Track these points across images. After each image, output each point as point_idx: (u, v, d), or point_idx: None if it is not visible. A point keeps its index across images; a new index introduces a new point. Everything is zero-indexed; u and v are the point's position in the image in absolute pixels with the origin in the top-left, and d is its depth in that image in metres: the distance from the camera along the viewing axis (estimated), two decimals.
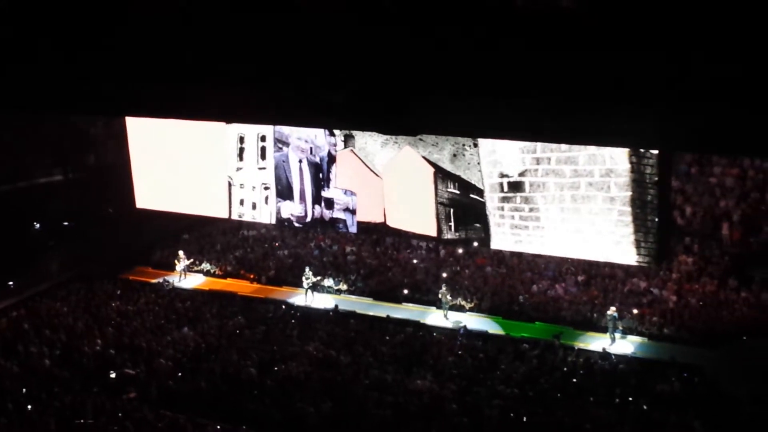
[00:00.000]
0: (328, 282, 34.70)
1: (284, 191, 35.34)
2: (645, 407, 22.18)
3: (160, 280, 35.52)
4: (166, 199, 36.40)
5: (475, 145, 28.71)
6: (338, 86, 9.15)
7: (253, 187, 36.14)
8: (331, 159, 33.65)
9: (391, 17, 7.99)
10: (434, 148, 29.75)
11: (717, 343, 27.42)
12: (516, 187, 28.78)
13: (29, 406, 21.77)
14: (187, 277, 36.28)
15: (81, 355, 25.52)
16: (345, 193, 33.65)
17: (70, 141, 39.12)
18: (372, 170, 31.88)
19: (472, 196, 29.66)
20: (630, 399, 22.82)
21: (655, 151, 25.13)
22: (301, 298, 33.67)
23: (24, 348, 25.80)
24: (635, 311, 29.56)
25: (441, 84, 8.62)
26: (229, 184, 36.15)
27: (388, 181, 31.64)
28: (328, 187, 34.07)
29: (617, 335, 28.35)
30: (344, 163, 32.78)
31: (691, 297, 30.11)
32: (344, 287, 34.38)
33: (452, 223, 30.91)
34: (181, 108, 13.42)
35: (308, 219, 35.13)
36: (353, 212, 33.50)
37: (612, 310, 28.45)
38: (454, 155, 29.28)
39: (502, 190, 29.16)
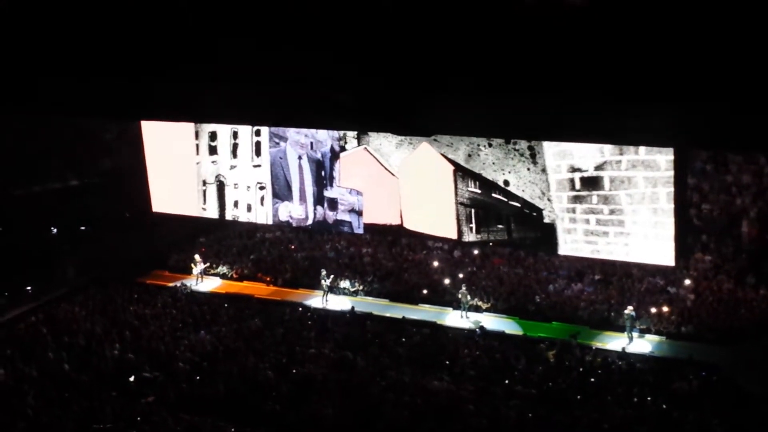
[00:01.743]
0: (345, 284, 34.50)
1: (282, 191, 33.80)
2: (663, 406, 22.08)
3: (177, 283, 35.56)
4: (181, 203, 36.41)
5: (490, 145, 28.41)
6: (350, 88, 9.16)
7: (248, 187, 34.66)
8: (335, 155, 32.22)
9: (398, 18, 7.99)
10: (449, 148, 29.55)
11: (735, 341, 27.28)
12: (592, 183, 26.22)
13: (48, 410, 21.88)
14: (204, 281, 36.32)
15: (99, 359, 25.58)
16: (350, 192, 32.39)
17: (85, 146, 39.25)
18: (388, 170, 31.19)
19: (494, 195, 28.92)
20: (648, 398, 22.72)
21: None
22: (317, 300, 33.55)
23: (42, 352, 25.89)
24: (653, 310, 29.39)
25: (455, 83, 8.61)
26: (222, 184, 35.12)
27: (405, 180, 30.95)
28: (332, 185, 32.62)
29: (635, 334, 28.21)
30: (358, 161, 31.93)
31: (709, 295, 29.96)
32: (361, 288, 34.16)
33: (473, 225, 29.98)
34: (193, 110, 13.47)
35: (309, 221, 33.88)
36: (359, 213, 32.41)
37: (629, 309, 28.30)
38: (469, 155, 29.06)
39: (572, 188, 26.75)
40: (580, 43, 7.52)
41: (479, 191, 29.45)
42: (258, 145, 34.09)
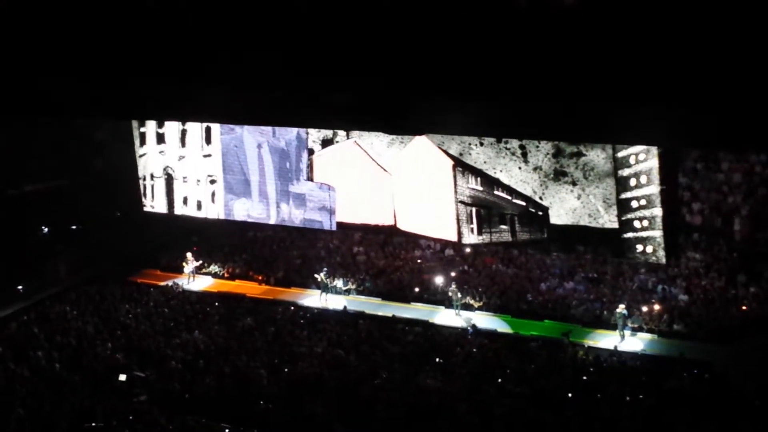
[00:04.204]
0: (338, 282, 34.38)
1: (237, 185, 31.34)
2: (656, 404, 22.10)
3: (169, 282, 35.47)
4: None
5: (482, 144, 28.28)
6: (343, 87, 9.16)
7: (198, 181, 32.32)
8: (302, 143, 30.07)
9: (391, 19, 8.00)
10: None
11: (727, 339, 27.34)
12: None
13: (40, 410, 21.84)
14: (196, 280, 36.21)
15: (91, 358, 25.54)
16: (320, 187, 30.50)
17: (76, 145, 39.11)
18: (380, 165, 30.28)
19: (497, 192, 28.32)
20: (640, 396, 22.75)
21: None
22: (310, 299, 33.48)
23: (34, 352, 25.83)
24: (644, 308, 29.44)
25: (446, 83, 8.62)
26: (171, 178, 33.04)
27: (399, 177, 30.14)
28: (298, 179, 30.50)
29: (627, 332, 28.24)
30: (347, 156, 30.88)
31: (701, 293, 30.02)
32: (353, 287, 34.06)
33: (475, 225, 29.20)
34: (186, 110, 13.45)
35: (271, 221, 32.11)
36: (331, 211, 30.75)
37: (621, 308, 28.32)
38: (461, 154, 28.95)
39: None
40: (570, 44, 7.54)
41: (481, 188, 28.68)
42: (208, 131, 31.44)
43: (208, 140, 31.33)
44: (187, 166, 32.61)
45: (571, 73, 7.84)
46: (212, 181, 32.32)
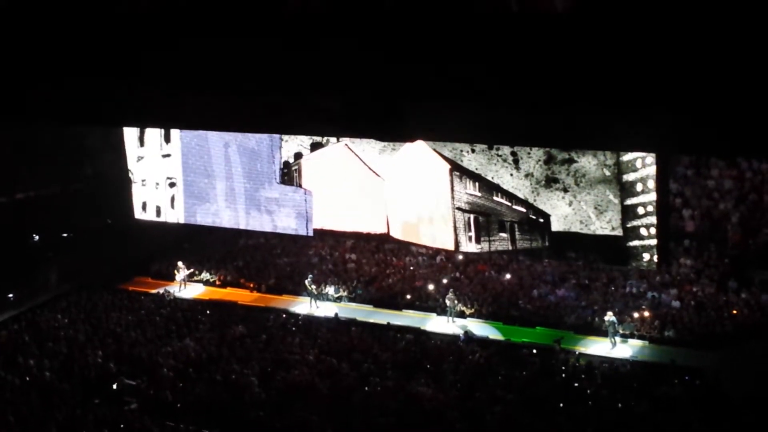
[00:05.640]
0: (330, 290, 34.26)
1: (200, 189, 29.19)
2: (647, 411, 22.14)
3: (160, 290, 35.37)
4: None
5: (473, 151, 28.22)
6: (335, 93, 9.15)
7: (157, 184, 30.29)
8: (274, 142, 28.16)
9: (388, 22, 7.99)
10: None
11: (718, 345, 27.38)
12: None
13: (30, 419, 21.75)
14: (187, 287, 36.11)
15: (82, 366, 25.46)
16: (295, 191, 28.86)
17: (67, 152, 38.99)
18: (372, 170, 29.38)
19: (496, 198, 27.58)
20: (632, 403, 22.78)
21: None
22: (302, 306, 33.33)
23: (24, 360, 25.74)
24: (635, 315, 29.48)
25: (438, 89, 8.62)
26: (129, 181, 31.14)
27: (392, 182, 29.41)
28: (270, 183, 28.65)
29: (618, 339, 28.27)
30: (337, 161, 29.98)
31: (691, 299, 30.08)
32: (344, 294, 33.94)
33: (473, 233, 28.19)
34: (178, 117, 13.42)
35: (240, 227, 30.22)
36: (307, 217, 29.15)
37: (610, 315, 28.33)
38: (452, 161, 28.93)
39: None
40: (564, 49, 7.55)
41: (479, 194, 27.85)
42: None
43: (167, 138, 29.14)
44: (145, 168, 30.79)
45: (565, 80, 7.85)
46: (171, 184, 30.26)
